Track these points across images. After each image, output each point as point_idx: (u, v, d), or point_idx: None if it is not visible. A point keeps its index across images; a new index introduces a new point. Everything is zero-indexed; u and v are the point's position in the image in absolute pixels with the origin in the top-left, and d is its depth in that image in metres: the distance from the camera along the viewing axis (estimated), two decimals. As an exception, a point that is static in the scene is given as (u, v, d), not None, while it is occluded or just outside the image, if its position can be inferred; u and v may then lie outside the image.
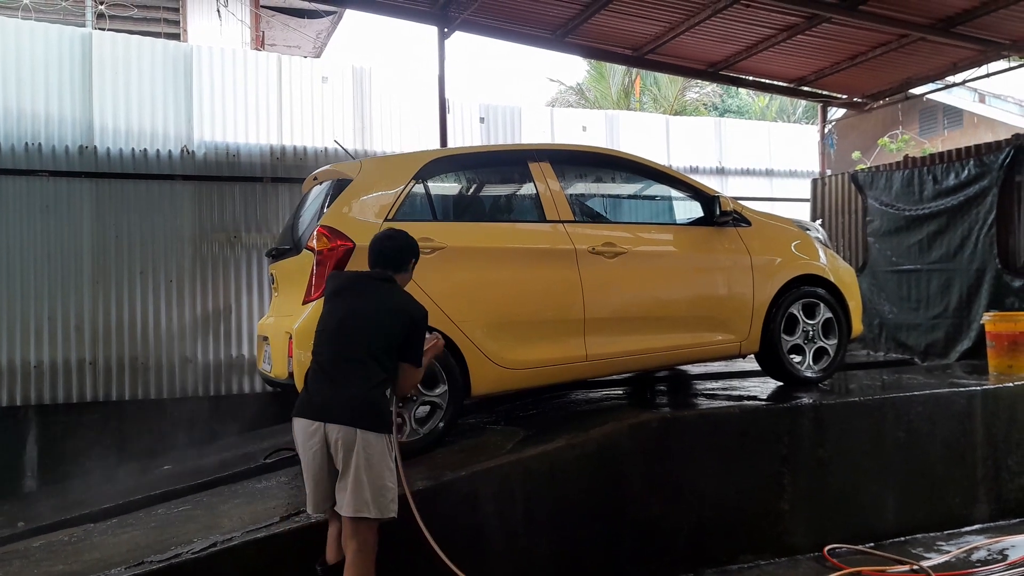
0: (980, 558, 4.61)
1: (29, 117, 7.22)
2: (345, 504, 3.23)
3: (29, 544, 4.26)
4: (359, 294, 3.47)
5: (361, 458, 3.22)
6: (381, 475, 3.25)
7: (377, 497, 3.22)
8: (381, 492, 3.24)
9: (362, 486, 3.21)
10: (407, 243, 3.64)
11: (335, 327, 3.43)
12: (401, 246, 3.61)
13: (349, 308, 3.44)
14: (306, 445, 3.32)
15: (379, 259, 3.58)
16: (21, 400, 6.99)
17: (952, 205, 7.66)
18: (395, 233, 3.69)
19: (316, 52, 13.54)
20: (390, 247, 3.59)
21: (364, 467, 3.22)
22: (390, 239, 3.62)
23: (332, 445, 3.26)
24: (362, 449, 3.22)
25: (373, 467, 3.23)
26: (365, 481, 3.21)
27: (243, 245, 7.69)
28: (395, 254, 3.58)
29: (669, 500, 4.44)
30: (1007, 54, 8.43)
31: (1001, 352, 5.99)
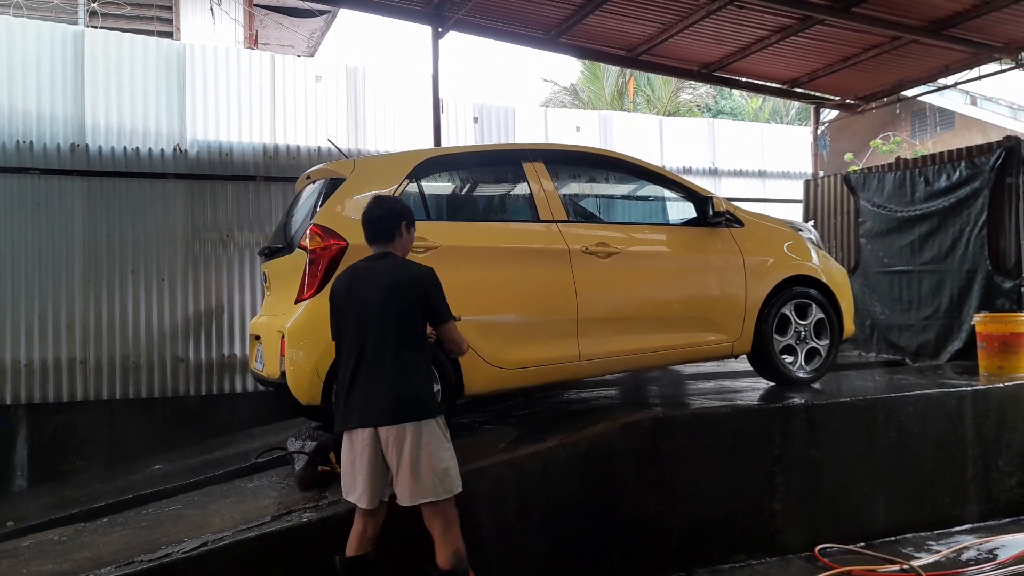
0: (970, 558, 4.63)
1: (20, 115, 7.18)
2: (408, 496, 3.28)
3: (18, 543, 4.24)
4: (362, 285, 3.45)
5: (416, 451, 3.26)
6: (440, 458, 3.31)
7: (440, 481, 3.29)
8: (443, 475, 3.30)
9: (422, 476, 3.26)
10: (393, 207, 3.62)
11: (352, 327, 3.41)
12: (387, 211, 3.58)
13: (359, 303, 3.42)
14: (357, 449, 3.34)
15: (370, 230, 3.56)
16: (11, 399, 6.95)
17: (943, 207, 7.69)
18: (381, 199, 3.67)
19: (310, 51, 13.52)
20: (376, 215, 3.56)
21: (420, 458, 3.27)
22: (377, 206, 3.59)
23: (383, 444, 3.30)
24: (415, 442, 3.26)
25: (429, 455, 3.28)
26: (423, 468, 3.27)
27: (236, 244, 7.67)
28: (383, 221, 3.55)
29: (662, 499, 4.45)
30: (998, 56, 8.46)
31: (991, 353, 6.02)
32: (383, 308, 3.37)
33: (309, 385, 4.19)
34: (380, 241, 3.56)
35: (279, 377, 4.33)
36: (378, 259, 3.54)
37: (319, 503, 3.86)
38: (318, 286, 4.25)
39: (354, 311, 3.44)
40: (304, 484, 4.14)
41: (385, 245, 3.56)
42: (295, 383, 4.22)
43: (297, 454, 4.28)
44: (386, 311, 3.36)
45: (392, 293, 3.38)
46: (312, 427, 5.23)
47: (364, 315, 3.39)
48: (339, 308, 3.52)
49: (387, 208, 3.61)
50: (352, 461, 3.39)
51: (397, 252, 3.57)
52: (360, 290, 3.45)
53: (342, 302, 3.51)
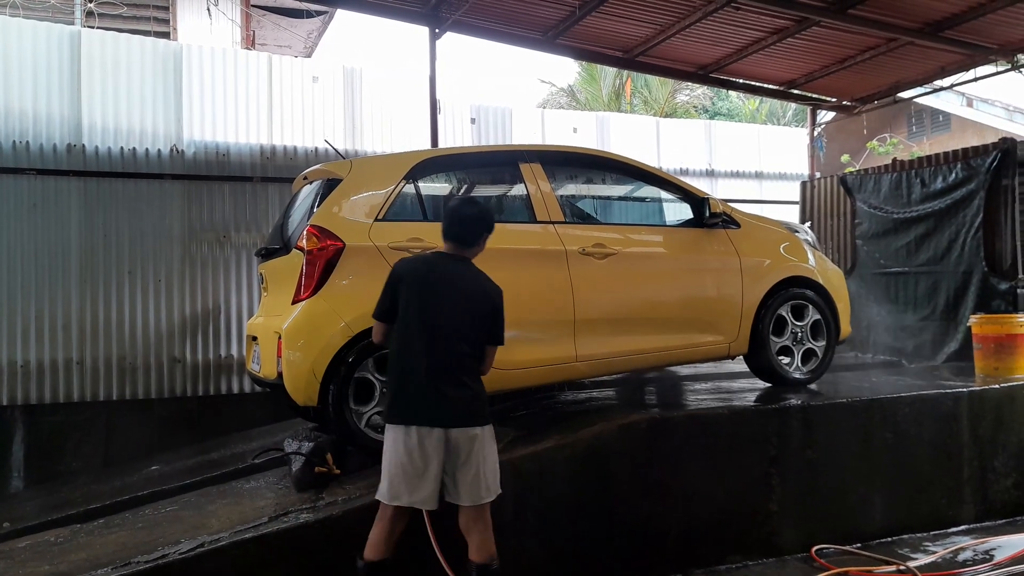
0: (966, 558, 4.64)
1: (17, 115, 7.17)
2: (469, 495, 3.37)
3: (15, 545, 4.23)
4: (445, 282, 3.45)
5: (481, 453, 3.38)
6: (495, 461, 3.48)
7: (494, 481, 3.46)
8: (495, 475, 3.47)
9: (483, 476, 3.39)
10: (487, 213, 3.63)
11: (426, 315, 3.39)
12: (479, 215, 3.58)
13: (439, 293, 3.42)
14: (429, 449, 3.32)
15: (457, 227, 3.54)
16: (8, 400, 6.93)
17: (939, 208, 7.71)
18: (475, 201, 3.76)
19: (307, 52, 13.51)
20: (469, 214, 3.56)
21: (484, 460, 3.39)
22: (472, 205, 3.64)
23: (452, 444, 3.34)
24: (482, 444, 3.39)
25: (489, 457, 3.43)
26: (485, 472, 3.39)
27: (232, 245, 7.66)
28: (474, 223, 3.55)
29: (658, 500, 4.45)
30: (994, 58, 8.49)
31: (987, 354, 6.03)
32: (466, 309, 3.43)
33: (306, 386, 4.19)
34: (460, 242, 3.55)
35: (276, 378, 4.32)
36: (457, 261, 3.54)
37: (316, 504, 3.86)
38: (315, 287, 4.25)
39: (436, 304, 3.41)
40: (301, 485, 4.14)
41: (463, 248, 3.56)
42: (292, 384, 4.22)
43: (294, 455, 4.28)
44: (467, 313, 3.43)
45: (477, 300, 3.46)
46: (309, 428, 5.23)
47: (448, 313, 3.40)
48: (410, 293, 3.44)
49: (480, 212, 3.61)
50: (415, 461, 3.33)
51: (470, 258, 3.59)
52: (447, 287, 3.45)
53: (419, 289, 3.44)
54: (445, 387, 3.35)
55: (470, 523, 3.40)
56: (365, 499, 3.78)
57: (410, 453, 3.34)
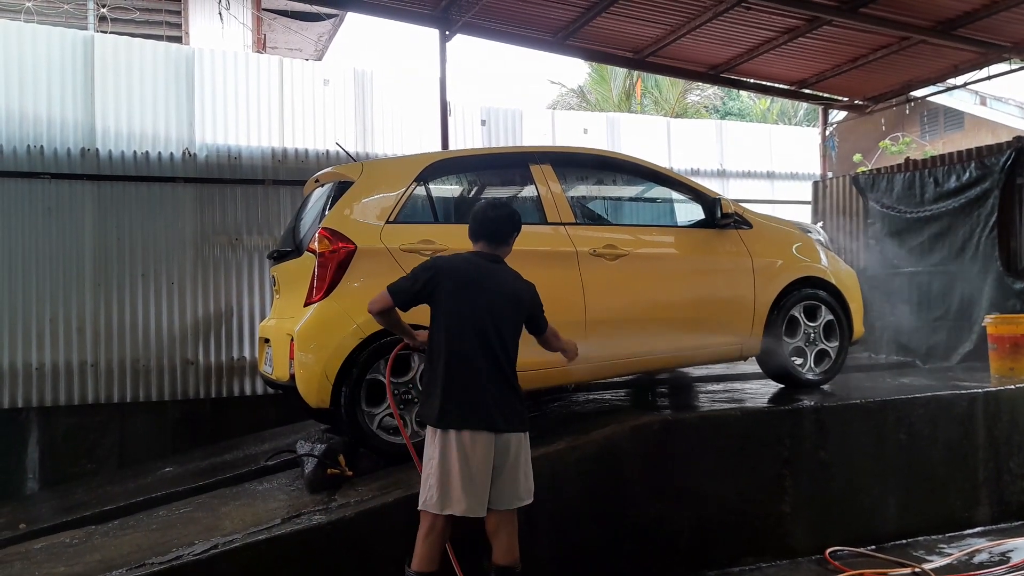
0: (982, 561, 4.60)
1: (31, 120, 7.23)
2: (510, 499, 3.38)
3: (30, 546, 4.26)
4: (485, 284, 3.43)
5: (522, 457, 3.42)
6: (530, 466, 3.50)
7: (530, 485, 3.48)
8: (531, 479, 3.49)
9: (523, 480, 3.42)
10: (515, 213, 3.63)
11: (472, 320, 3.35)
12: (508, 215, 3.58)
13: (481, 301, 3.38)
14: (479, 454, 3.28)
15: (487, 227, 3.53)
16: (23, 402, 6.98)
17: (953, 207, 7.65)
18: (502, 203, 3.76)
19: (318, 55, 13.56)
20: (497, 215, 3.55)
21: (524, 463, 3.43)
22: (496, 207, 3.61)
23: (500, 448, 3.34)
24: (525, 448, 3.43)
25: (528, 461, 3.47)
26: (524, 475, 3.43)
27: (244, 247, 7.69)
28: (504, 223, 3.55)
29: (670, 502, 4.44)
30: (1008, 56, 8.42)
31: (1003, 354, 5.99)
32: (507, 312, 3.43)
33: (318, 388, 4.20)
34: (490, 242, 3.54)
35: (288, 380, 4.33)
36: (493, 261, 3.52)
37: (328, 506, 3.87)
38: (327, 289, 4.26)
39: (480, 304, 3.37)
40: (314, 487, 4.15)
41: (496, 248, 3.55)
42: (304, 386, 4.23)
43: (307, 457, 4.29)
44: (508, 316, 3.44)
45: (515, 302, 3.47)
46: (321, 430, 5.25)
47: (493, 313, 3.37)
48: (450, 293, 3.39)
49: (510, 212, 3.61)
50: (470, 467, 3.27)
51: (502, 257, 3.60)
52: (488, 286, 3.42)
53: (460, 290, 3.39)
54: (497, 390, 3.34)
55: (500, 526, 3.38)
56: (377, 501, 3.79)
57: (465, 459, 3.26)
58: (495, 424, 3.31)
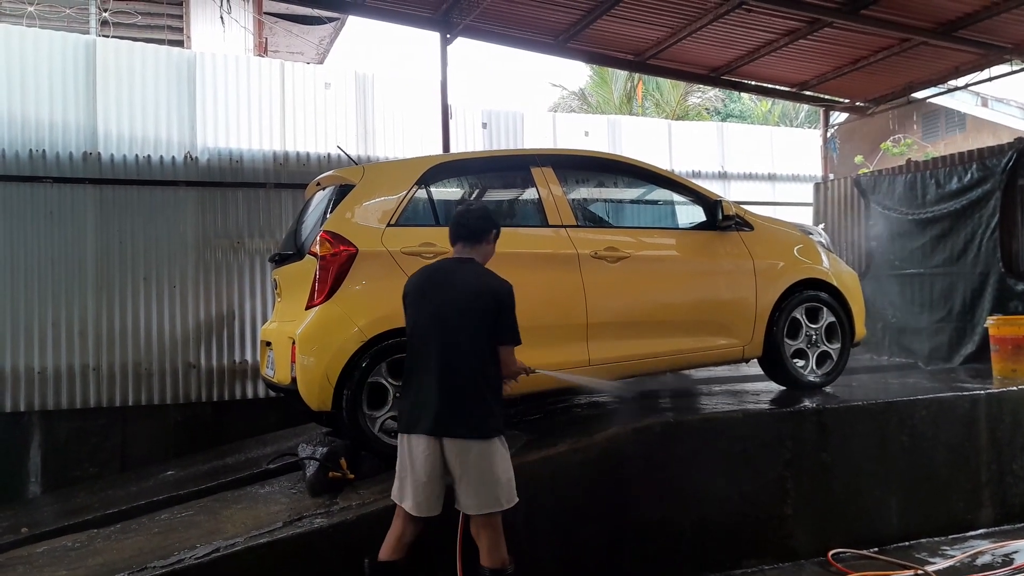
0: (985, 563, 4.60)
1: (33, 124, 7.24)
2: (476, 504, 3.31)
3: (32, 550, 4.26)
4: (443, 286, 3.44)
5: (485, 464, 3.30)
6: (503, 471, 3.36)
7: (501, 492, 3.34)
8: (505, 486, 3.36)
9: (488, 486, 3.30)
10: (485, 213, 3.65)
11: (430, 325, 3.40)
12: (480, 215, 3.61)
13: (437, 303, 3.41)
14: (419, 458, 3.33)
15: (457, 231, 3.56)
16: (25, 406, 6.98)
17: (955, 209, 7.65)
18: (474, 205, 3.79)
19: (319, 58, 13.58)
20: (469, 217, 3.58)
21: (488, 470, 3.30)
22: (468, 210, 3.64)
23: (449, 454, 3.31)
24: (487, 456, 3.30)
25: (491, 469, 3.32)
26: (490, 482, 3.30)
27: (246, 251, 7.69)
28: (476, 222, 3.56)
29: (672, 504, 4.44)
30: (1009, 58, 8.42)
31: (1005, 356, 5.98)
32: (466, 312, 3.36)
33: (320, 391, 4.20)
34: (466, 242, 3.55)
35: (290, 383, 4.34)
36: (461, 263, 3.53)
37: (330, 509, 3.87)
38: (329, 292, 4.27)
39: (430, 311, 3.42)
40: (315, 490, 4.15)
41: (468, 248, 3.55)
42: (306, 389, 4.24)
43: (308, 460, 4.30)
44: (468, 316, 3.36)
45: (476, 301, 3.37)
46: (323, 433, 5.25)
47: (444, 314, 3.38)
48: (411, 306, 3.51)
49: (481, 211, 3.65)
50: (409, 466, 3.37)
51: (478, 259, 3.56)
52: (441, 288, 3.44)
53: (417, 300, 3.48)
54: (450, 396, 3.30)
55: (479, 530, 3.38)
56: (379, 504, 3.79)
57: (412, 460, 3.37)
58: (440, 430, 3.30)
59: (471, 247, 3.56)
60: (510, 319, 3.42)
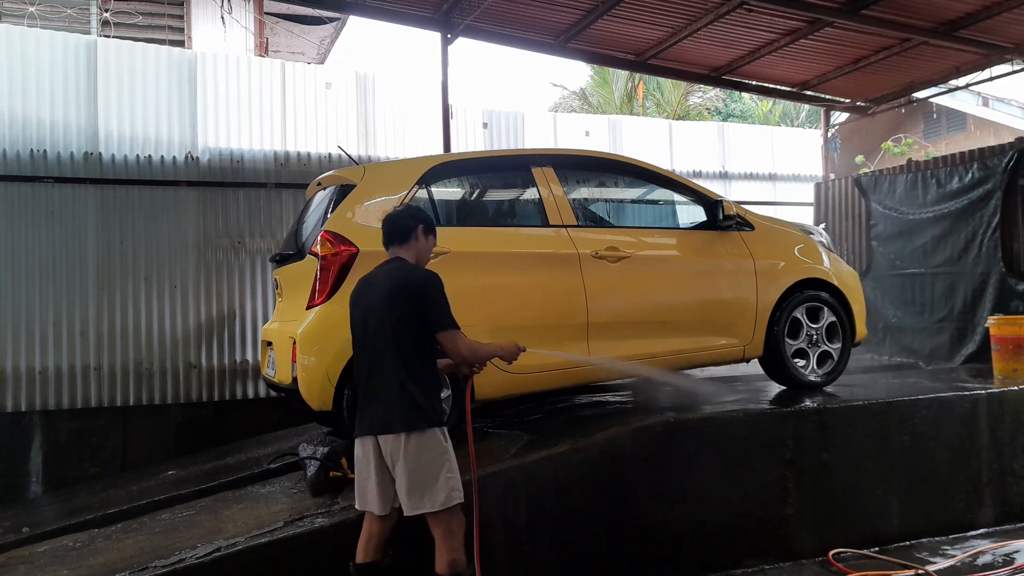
0: (986, 562, 4.60)
1: (34, 124, 7.25)
2: (408, 506, 3.28)
3: (34, 549, 4.27)
4: (368, 291, 3.47)
5: (413, 461, 3.25)
6: (437, 469, 3.27)
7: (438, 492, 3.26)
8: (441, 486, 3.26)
9: (420, 486, 3.25)
10: (412, 209, 3.69)
11: (360, 335, 3.46)
12: (402, 214, 3.62)
13: (364, 309, 3.44)
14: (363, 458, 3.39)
15: (386, 236, 3.57)
16: (26, 406, 6.99)
17: (956, 209, 7.65)
18: (401, 207, 3.79)
19: (320, 58, 13.59)
20: (392, 217, 3.60)
21: (417, 469, 3.25)
22: (393, 212, 3.66)
23: (384, 455, 3.31)
24: (413, 452, 3.26)
25: (426, 466, 3.26)
26: (422, 481, 3.25)
27: (247, 251, 7.70)
28: (399, 221, 3.55)
29: (673, 504, 4.44)
30: (1010, 57, 8.42)
31: (1006, 356, 5.97)
32: (382, 313, 3.35)
33: (321, 391, 4.21)
34: (394, 243, 3.54)
35: (291, 383, 4.34)
36: (385, 264, 3.53)
37: (331, 509, 3.88)
38: (329, 292, 4.27)
39: (360, 317, 3.47)
40: (316, 490, 4.16)
41: (398, 248, 3.53)
42: (307, 389, 4.24)
43: (309, 460, 4.30)
44: (385, 316, 3.34)
45: (391, 298, 3.34)
46: (324, 433, 5.25)
47: (367, 321, 3.41)
48: (351, 315, 3.56)
49: (405, 210, 3.68)
50: (361, 469, 3.42)
51: (410, 257, 3.53)
52: (366, 296, 3.46)
53: (353, 309, 3.54)
54: (381, 393, 3.31)
55: (432, 530, 3.34)
56: (380, 503, 3.79)
57: (357, 462, 3.43)
58: (373, 428, 3.32)
59: (401, 247, 3.53)
60: (436, 306, 3.34)
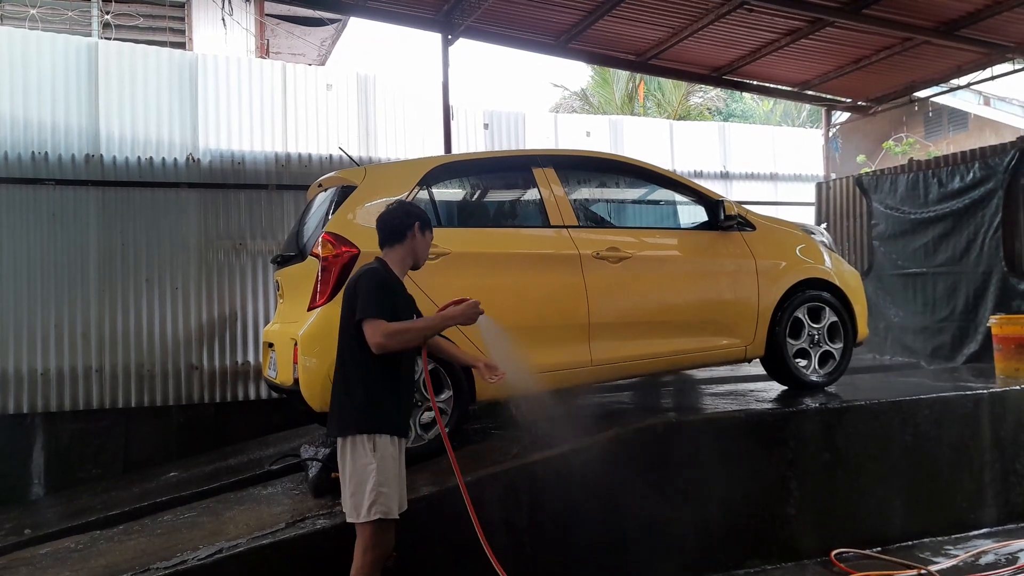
0: (988, 562, 4.59)
1: (36, 126, 7.26)
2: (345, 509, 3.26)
3: (35, 551, 4.27)
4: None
5: (346, 467, 3.22)
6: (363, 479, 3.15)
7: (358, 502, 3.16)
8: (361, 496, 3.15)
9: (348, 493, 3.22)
10: (403, 208, 3.54)
11: None
12: (395, 212, 3.48)
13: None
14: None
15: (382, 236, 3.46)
16: (28, 408, 7.00)
17: (957, 208, 7.64)
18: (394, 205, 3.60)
19: (320, 60, 13.60)
20: (386, 217, 3.47)
21: (350, 475, 3.21)
22: (387, 210, 3.52)
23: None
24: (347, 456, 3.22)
25: (354, 474, 3.19)
26: (350, 488, 3.21)
27: (248, 252, 7.70)
28: (391, 222, 3.44)
29: (674, 505, 4.43)
30: (1012, 56, 8.41)
31: (1008, 355, 5.97)
32: (344, 313, 3.32)
33: (322, 391, 4.19)
34: (389, 243, 3.45)
35: (292, 384, 4.34)
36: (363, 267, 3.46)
37: (333, 510, 3.87)
38: (331, 293, 4.26)
39: None
40: (318, 491, 4.16)
41: (395, 249, 3.44)
42: (308, 390, 4.24)
43: (311, 461, 4.30)
44: (345, 317, 3.31)
45: (346, 300, 3.31)
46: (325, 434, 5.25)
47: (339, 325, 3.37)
48: None
49: (398, 207, 3.55)
50: None
51: (404, 256, 3.43)
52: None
53: None
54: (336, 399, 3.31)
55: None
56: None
57: None
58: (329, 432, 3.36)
59: (395, 246, 3.43)
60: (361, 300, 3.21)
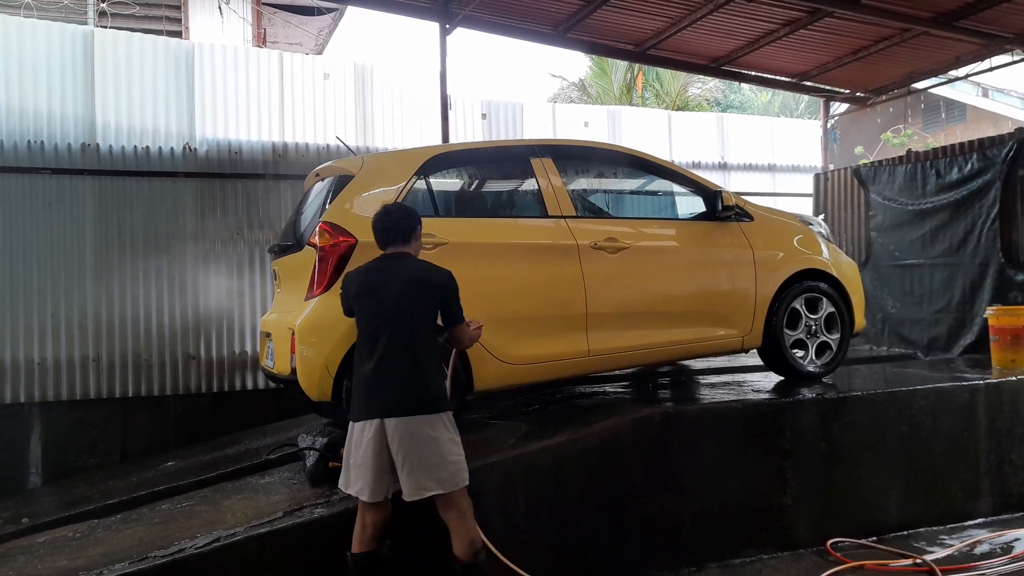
0: (983, 551, 4.61)
1: (31, 115, 7.22)
2: (415, 489, 3.33)
3: (33, 540, 4.28)
4: (382, 281, 3.54)
5: (425, 444, 3.33)
6: (449, 451, 3.38)
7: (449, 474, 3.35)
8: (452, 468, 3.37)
9: (431, 469, 3.33)
10: (406, 211, 3.76)
11: (369, 321, 3.51)
12: (402, 215, 3.71)
13: (377, 298, 3.50)
14: (363, 442, 3.41)
15: (386, 236, 3.66)
16: (25, 397, 7.00)
17: (955, 199, 7.64)
18: (391, 207, 3.80)
19: (318, 49, 13.54)
20: (392, 220, 3.68)
21: (428, 450, 3.33)
22: (388, 214, 3.72)
23: (390, 437, 3.35)
24: (425, 435, 3.33)
25: (439, 448, 3.35)
26: (433, 464, 3.33)
27: (245, 242, 7.69)
28: (399, 224, 3.66)
29: (672, 494, 4.44)
30: (1010, 48, 8.40)
31: (1004, 346, 5.98)
32: (402, 304, 3.46)
33: (320, 381, 4.20)
34: (395, 242, 3.65)
35: (290, 374, 4.34)
36: (398, 258, 3.63)
37: (330, 499, 3.88)
38: (328, 283, 4.26)
39: (371, 305, 3.52)
40: (315, 480, 4.16)
41: (402, 246, 3.65)
42: (306, 379, 4.23)
43: (308, 450, 4.30)
44: (404, 308, 3.46)
45: (414, 291, 3.49)
46: (323, 423, 5.26)
47: (382, 310, 3.47)
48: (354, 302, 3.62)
49: (403, 212, 3.75)
50: (356, 453, 3.44)
51: (414, 251, 3.69)
52: (379, 285, 3.52)
53: (361, 297, 3.58)
54: (394, 378, 3.39)
55: (442, 515, 3.42)
56: (379, 494, 3.79)
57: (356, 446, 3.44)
58: (380, 411, 3.37)
59: (404, 245, 3.66)
60: (457, 304, 3.62)
